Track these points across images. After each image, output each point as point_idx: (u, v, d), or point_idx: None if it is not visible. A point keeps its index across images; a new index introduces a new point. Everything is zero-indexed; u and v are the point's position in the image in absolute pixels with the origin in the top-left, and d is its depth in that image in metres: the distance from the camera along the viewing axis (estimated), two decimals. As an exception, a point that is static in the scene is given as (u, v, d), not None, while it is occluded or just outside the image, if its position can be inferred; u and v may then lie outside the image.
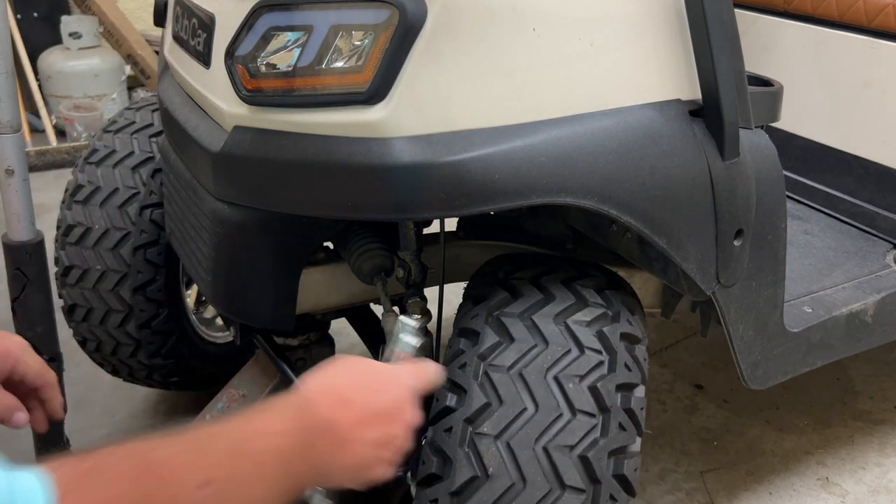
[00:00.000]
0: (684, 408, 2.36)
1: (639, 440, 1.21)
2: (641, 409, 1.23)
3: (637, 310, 1.34)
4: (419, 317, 1.39)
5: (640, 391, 1.23)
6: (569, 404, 1.15)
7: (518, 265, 1.34)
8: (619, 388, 1.19)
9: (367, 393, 0.92)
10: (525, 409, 1.14)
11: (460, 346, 1.25)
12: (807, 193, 2.19)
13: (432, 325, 1.43)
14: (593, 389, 1.17)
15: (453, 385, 1.21)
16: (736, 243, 1.29)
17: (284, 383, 1.62)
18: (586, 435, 1.13)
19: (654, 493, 2.04)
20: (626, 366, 1.22)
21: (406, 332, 1.06)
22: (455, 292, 1.49)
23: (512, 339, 1.21)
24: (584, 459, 1.12)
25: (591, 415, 1.15)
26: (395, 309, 1.42)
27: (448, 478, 1.13)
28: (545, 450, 1.12)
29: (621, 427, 1.17)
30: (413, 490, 1.29)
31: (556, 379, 1.17)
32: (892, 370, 2.52)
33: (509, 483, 1.10)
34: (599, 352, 1.20)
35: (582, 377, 1.17)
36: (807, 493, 2.05)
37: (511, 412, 1.14)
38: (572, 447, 1.12)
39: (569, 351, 1.19)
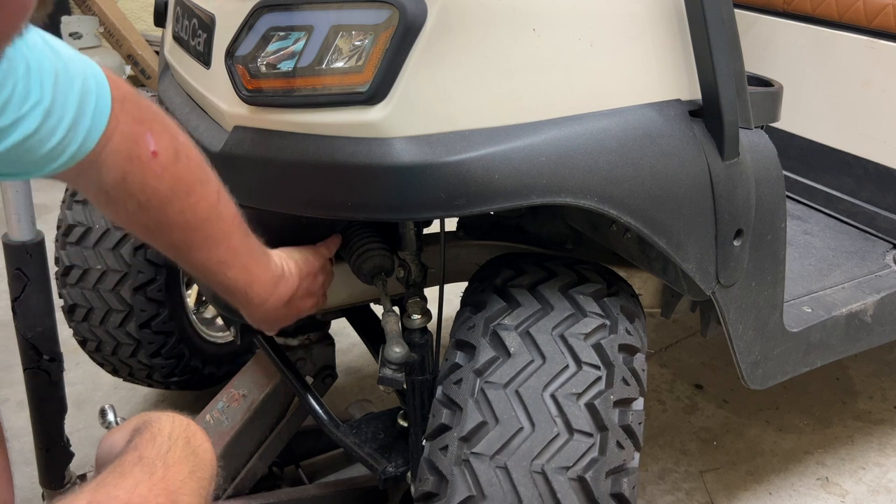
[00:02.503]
0: (684, 408, 2.36)
1: (637, 456, 1.20)
2: (640, 423, 1.22)
3: (637, 316, 1.33)
4: (419, 316, 1.39)
5: (638, 404, 1.23)
6: (566, 423, 1.14)
7: (516, 271, 1.33)
8: (618, 403, 1.18)
9: None
10: (521, 429, 1.13)
11: (456, 359, 1.25)
12: (807, 193, 2.19)
13: (432, 325, 1.43)
14: (591, 407, 1.16)
15: (449, 401, 1.20)
16: (735, 243, 1.29)
17: (284, 383, 1.62)
18: (583, 455, 1.13)
19: (653, 492, 2.04)
20: (625, 380, 1.21)
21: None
22: (455, 292, 1.49)
23: (509, 354, 1.20)
24: (581, 480, 1.11)
25: (589, 434, 1.14)
26: (395, 309, 1.42)
27: (444, 497, 1.13)
28: (542, 471, 1.11)
29: (619, 445, 1.16)
30: (413, 490, 1.29)
31: (552, 397, 1.16)
32: (892, 370, 2.52)
33: None
34: (597, 366, 1.19)
35: (579, 395, 1.16)
36: (807, 493, 2.05)
37: (507, 432, 1.13)
38: (568, 468, 1.12)
39: (566, 367, 1.18)
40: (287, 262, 1.30)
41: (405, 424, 1.50)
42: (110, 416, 1.17)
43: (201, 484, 0.82)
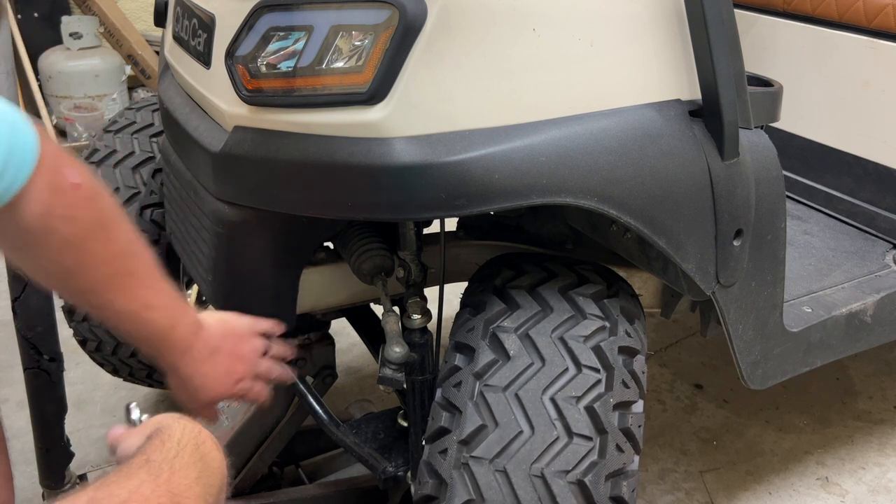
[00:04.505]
0: (684, 408, 2.36)
1: (637, 459, 1.20)
2: (639, 426, 1.22)
3: (637, 317, 1.33)
4: (419, 316, 1.39)
5: (638, 407, 1.22)
6: (565, 427, 1.14)
7: (516, 271, 1.33)
8: (617, 406, 1.18)
9: None
10: (521, 432, 1.13)
11: (456, 362, 1.25)
12: (807, 193, 2.19)
13: (432, 325, 1.43)
14: (590, 410, 1.15)
15: (449, 404, 1.20)
16: (735, 243, 1.29)
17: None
18: (583, 459, 1.12)
19: (653, 492, 2.04)
20: (624, 383, 1.21)
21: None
22: (455, 292, 1.49)
23: (508, 357, 1.20)
24: (581, 484, 1.11)
25: (588, 437, 1.14)
26: (395, 309, 1.42)
27: (443, 500, 1.13)
28: (541, 474, 1.11)
29: (619, 449, 1.16)
30: (413, 490, 1.29)
31: (552, 400, 1.15)
32: (892, 370, 2.52)
33: None
34: (597, 369, 1.19)
35: (579, 398, 1.16)
36: (807, 493, 2.05)
37: (506, 435, 1.13)
38: (568, 472, 1.11)
39: (566, 369, 1.18)
40: (204, 316, 1.25)
41: (405, 424, 1.50)
42: (135, 415, 1.16)
43: (208, 490, 0.82)
